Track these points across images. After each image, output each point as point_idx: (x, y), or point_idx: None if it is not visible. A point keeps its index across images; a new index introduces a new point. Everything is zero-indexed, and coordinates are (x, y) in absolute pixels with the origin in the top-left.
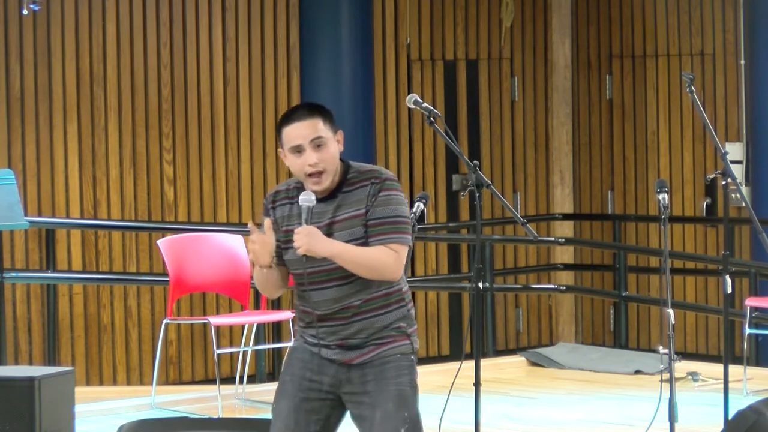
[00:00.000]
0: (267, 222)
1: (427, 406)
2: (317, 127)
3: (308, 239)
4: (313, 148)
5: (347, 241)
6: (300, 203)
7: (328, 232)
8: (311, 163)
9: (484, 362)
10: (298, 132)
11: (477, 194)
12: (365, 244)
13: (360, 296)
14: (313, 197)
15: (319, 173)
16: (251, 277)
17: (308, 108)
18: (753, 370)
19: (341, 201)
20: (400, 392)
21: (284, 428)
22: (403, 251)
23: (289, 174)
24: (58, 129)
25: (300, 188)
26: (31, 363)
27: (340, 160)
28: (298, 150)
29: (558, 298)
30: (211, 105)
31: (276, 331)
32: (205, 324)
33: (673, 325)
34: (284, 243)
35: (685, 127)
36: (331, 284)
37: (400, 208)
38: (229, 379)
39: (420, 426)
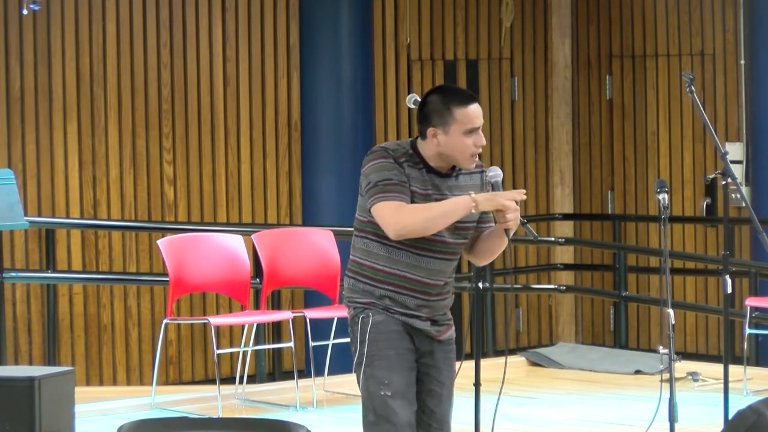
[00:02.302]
0: (523, 192)
1: None
2: (481, 113)
3: (517, 215)
4: (479, 131)
5: (473, 220)
6: (492, 179)
7: None
8: (482, 143)
9: (484, 362)
10: (477, 114)
11: None
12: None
13: (451, 275)
14: (500, 172)
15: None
16: (250, 279)
17: (472, 93)
18: (753, 370)
19: (462, 182)
20: (453, 374)
21: (408, 404)
22: None
23: (289, 174)
24: (58, 129)
25: (419, 157)
26: (31, 363)
27: None
28: (472, 131)
29: (558, 298)
30: (211, 105)
31: (276, 331)
32: (205, 324)
33: (673, 325)
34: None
35: (685, 127)
36: (444, 257)
37: None
38: (229, 379)
39: None
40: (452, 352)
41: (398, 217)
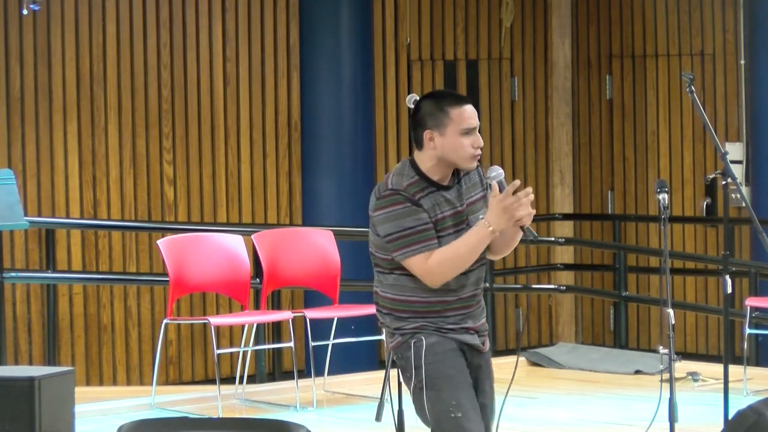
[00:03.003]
0: (530, 191)
1: None
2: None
3: (527, 211)
4: (476, 132)
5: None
6: (494, 179)
7: (468, 213)
8: (480, 145)
9: None
10: (471, 115)
11: None
12: None
13: (481, 282)
14: (502, 170)
15: (478, 155)
16: (250, 279)
17: (463, 95)
18: (753, 370)
19: (464, 184)
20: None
21: (479, 422)
22: None
23: (289, 174)
24: (58, 129)
25: (423, 178)
26: (31, 363)
27: None
28: (468, 132)
29: (558, 298)
30: (211, 105)
31: (276, 331)
32: (205, 324)
33: (673, 325)
34: (439, 231)
35: (685, 127)
36: (475, 266)
37: None
38: (229, 379)
39: None
40: (491, 362)
41: (432, 272)
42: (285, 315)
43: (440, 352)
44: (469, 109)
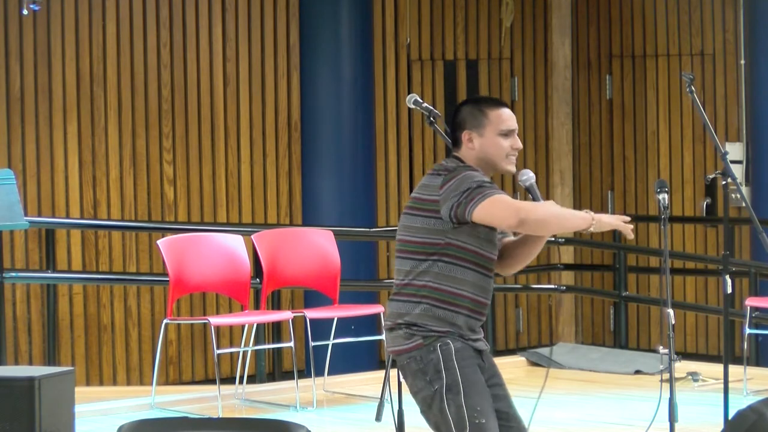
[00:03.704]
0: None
1: None
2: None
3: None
4: (515, 135)
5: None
6: (524, 182)
7: None
8: (519, 147)
9: None
10: (510, 117)
11: None
12: None
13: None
14: (533, 174)
15: (515, 157)
16: (250, 279)
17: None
18: (753, 370)
19: None
20: None
21: (497, 426)
22: None
23: (289, 174)
24: (58, 129)
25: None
26: (31, 363)
27: None
28: (507, 134)
29: (558, 298)
30: (211, 105)
31: (276, 331)
32: (205, 324)
33: (673, 325)
34: (471, 233)
35: (685, 127)
36: (492, 273)
37: None
38: (229, 379)
39: None
40: (491, 359)
41: (519, 205)
42: (285, 315)
43: (466, 357)
44: (507, 111)
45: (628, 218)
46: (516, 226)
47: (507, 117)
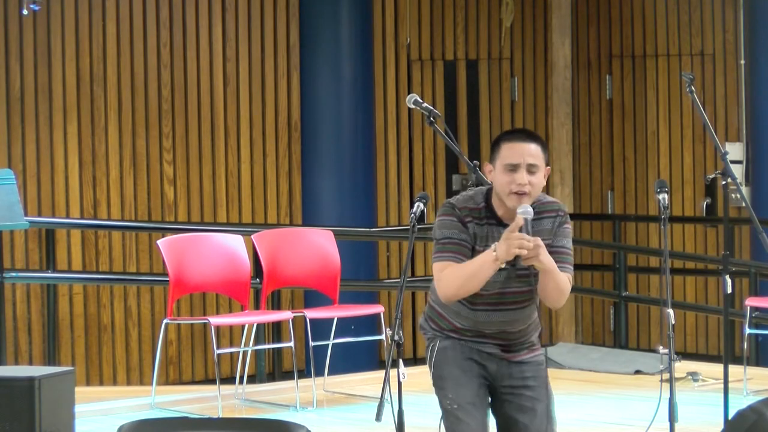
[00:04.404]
0: (520, 219)
1: (427, 406)
2: (535, 153)
3: (539, 249)
4: (527, 170)
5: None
6: (520, 214)
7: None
8: (522, 182)
9: None
10: (518, 151)
11: None
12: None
13: (527, 321)
14: (531, 210)
15: (525, 193)
16: (250, 279)
17: (531, 134)
18: (753, 370)
19: (532, 227)
20: (550, 392)
21: (476, 414)
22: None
23: (289, 174)
24: (58, 129)
25: (488, 208)
26: (31, 363)
27: None
28: (512, 168)
29: None
30: (211, 105)
31: (276, 331)
32: (205, 324)
33: (673, 325)
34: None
35: (685, 127)
36: (510, 307)
37: (571, 241)
38: (229, 379)
39: None
40: (536, 372)
41: (440, 282)
42: (285, 315)
43: (450, 355)
44: (519, 144)
45: (513, 232)
46: (441, 296)
47: (515, 151)
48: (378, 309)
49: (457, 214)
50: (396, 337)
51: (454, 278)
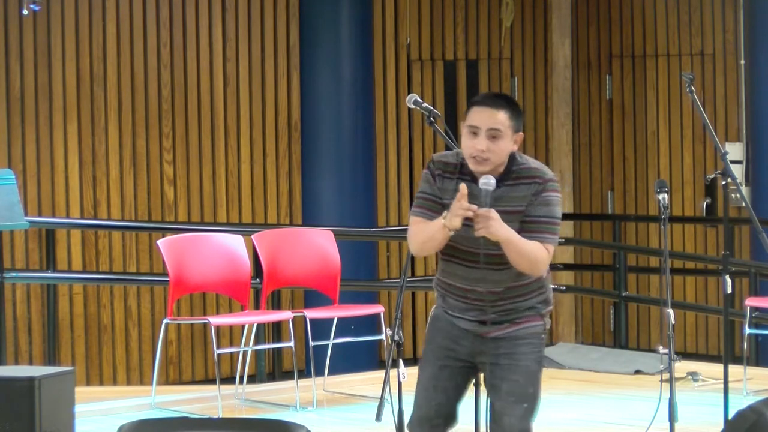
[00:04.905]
0: (464, 188)
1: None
2: (498, 118)
3: (489, 221)
4: (488, 136)
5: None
6: (480, 186)
7: None
8: (479, 148)
9: None
10: (479, 116)
11: None
12: None
13: (510, 283)
14: (493, 181)
15: (483, 159)
16: (250, 279)
17: (500, 98)
18: (753, 370)
19: (503, 193)
20: (527, 368)
21: (428, 396)
22: (552, 251)
23: (289, 174)
24: (58, 129)
25: (464, 164)
26: (31, 363)
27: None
28: (473, 131)
29: (558, 298)
30: (211, 105)
31: (276, 331)
32: (205, 324)
33: (673, 325)
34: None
35: (685, 127)
36: (488, 266)
37: (557, 209)
38: (229, 379)
39: (539, 400)
40: (520, 347)
41: (408, 237)
42: (285, 315)
43: (431, 331)
44: (483, 109)
45: (459, 201)
46: (414, 254)
47: (476, 115)
48: (378, 309)
49: (431, 168)
50: (396, 337)
51: (416, 237)
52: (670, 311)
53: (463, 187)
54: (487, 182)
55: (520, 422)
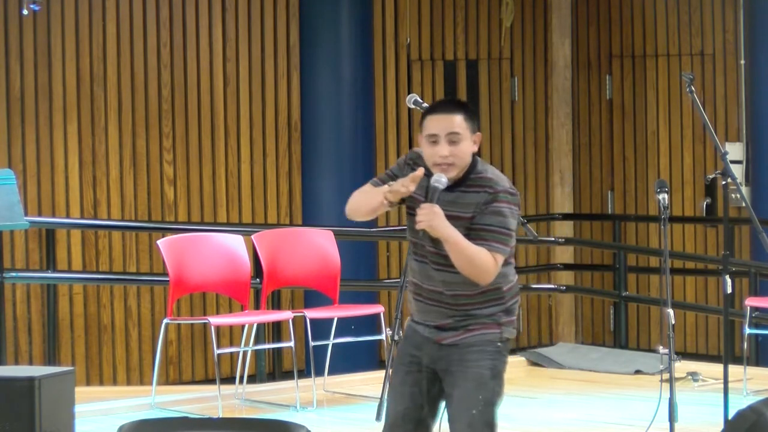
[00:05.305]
0: (420, 171)
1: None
2: (455, 122)
3: (431, 216)
4: (447, 141)
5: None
6: (432, 183)
7: None
8: (442, 155)
9: None
10: (436, 123)
11: None
12: None
13: (463, 288)
14: (444, 180)
15: (448, 165)
16: (250, 279)
17: (453, 103)
18: (753, 370)
19: (455, 198)
20: (478, 375)
21: (395, 402)
22: (501, 261)
23: (289, 174)
24: (58, 129)
25: (429, 171)
26: (31, 363)
27: (475, 158)
28: (433, 140)
29: (558, 298)
30: (211, 105)
31: (276, 331)
32: (205, 324)
33: (673, 325)
34: (409, 208)
35: (685, 127)
36: (439, 267)
37: (509, 221)
38: (229, 379)
39: (494, 410)
40: (471, 354)
41: (351, 196)
42: (285, 315)
43: (404, 340)
44: (436, 116)
45: (408, 179)
46: (348, 215)
47: (433, 124)
48: (378, 309)
49: (407, 157)
50: (396, 337)
51: (355, 195)
52: (670, 311)
53: (420, 170)
54: (438, 180)
55: (469, 429)
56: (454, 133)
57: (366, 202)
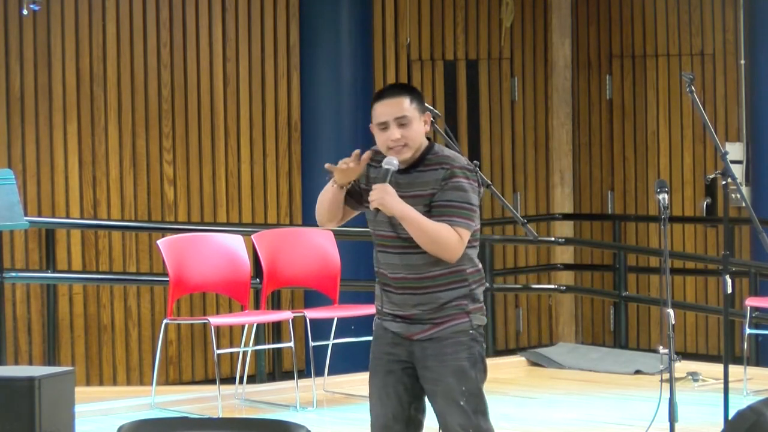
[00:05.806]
0: (356, 152)
1: (427, 405)
2: (402, 106)
3: (383, 195)
4: (397, 125)
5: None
6: (383, 165)
7: None
8: (393, 138)
9: None
10: (384, 109)
11: None
12: None
13: (422, 271)
14: (396, 162)
15: (401, 146)
16: (250, 279)
17: (397, 87)
18: (753, 370)
19: (413, 179)
20: (458, 367)
21: (380, 406)
22: (466, 236)
23: (289, 174)
24: (58, 129)
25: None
26: (31, 363)
27: (428, 140)
28: (383, 126)
29: (558, 298)
30: (211, 105)
31: (276, 331)
32: (205, 324)
33: (673, 325)
34: (366, 201)
35: (685, 127)
36: (398, 250)
37: (470, 195)
38: (229, 379)
39: (481, 397)
40: (447, 347)
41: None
42: (285, 315)
43: (374, 340)
44: (381, 104)
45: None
46: (318, 222)
47: (380, 111)
48: None
49: (372, 154)
50: None
51: (318, 198)
52: (670, 311)
53: (357, 151)
54: (389, 162)
55: (463, 420)
56: (402, 117)
57: (323, 198)
